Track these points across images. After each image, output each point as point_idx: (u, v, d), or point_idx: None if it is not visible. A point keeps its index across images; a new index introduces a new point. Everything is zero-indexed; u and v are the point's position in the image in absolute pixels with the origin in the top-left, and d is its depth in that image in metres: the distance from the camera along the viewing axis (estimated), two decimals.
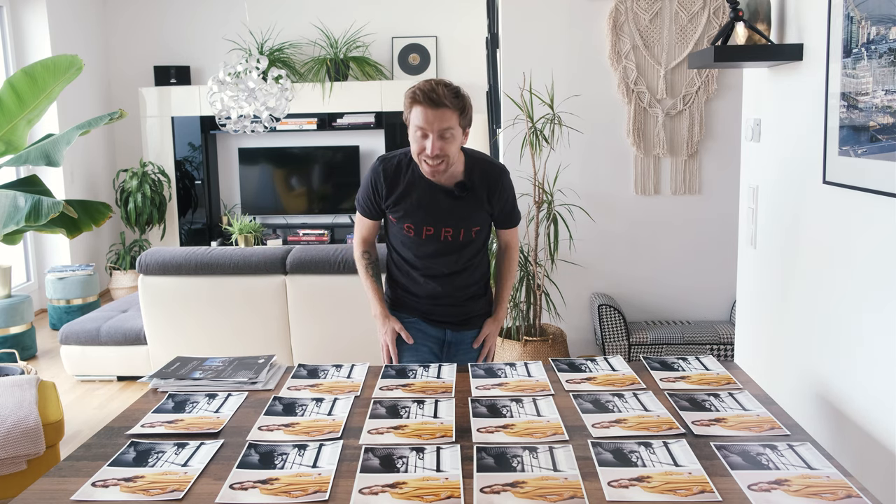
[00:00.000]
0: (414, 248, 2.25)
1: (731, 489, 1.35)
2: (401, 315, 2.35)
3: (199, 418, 1.72)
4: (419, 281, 2.29)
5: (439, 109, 2.01)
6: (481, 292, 2.36)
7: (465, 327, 2.34)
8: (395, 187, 2.20)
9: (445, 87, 2.04)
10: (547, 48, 4.17)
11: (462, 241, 2.22)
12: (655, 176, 4.23)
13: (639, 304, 4.35)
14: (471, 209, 2.20)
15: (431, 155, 2.05)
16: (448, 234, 2.20)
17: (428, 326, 2.33)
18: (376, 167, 2.23)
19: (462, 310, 2.32)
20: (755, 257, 2.44)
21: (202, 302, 3.94)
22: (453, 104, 2.03)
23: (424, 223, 2.19)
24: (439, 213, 2.18)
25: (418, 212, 2.19)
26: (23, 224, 3.15)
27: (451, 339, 2.35)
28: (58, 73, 3.52)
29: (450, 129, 2.04)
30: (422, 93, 2.02)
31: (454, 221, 2.19)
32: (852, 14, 1.74)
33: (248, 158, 6.87)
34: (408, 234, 2.23)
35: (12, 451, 2.73)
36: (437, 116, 2.02)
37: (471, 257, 2.28)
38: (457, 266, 2.26)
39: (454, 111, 2.04)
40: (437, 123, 2.02)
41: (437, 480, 1.39)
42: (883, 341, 1.67)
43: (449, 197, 2.18)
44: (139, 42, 6.93)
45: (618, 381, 1.91)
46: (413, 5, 6.73)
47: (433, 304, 2.31)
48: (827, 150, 1.88)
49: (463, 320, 2.34)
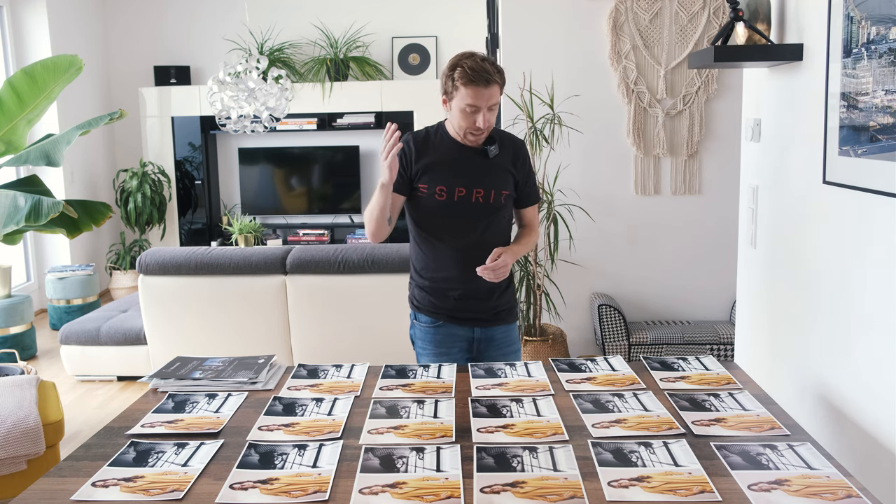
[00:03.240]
0: (447, 219, 2.23)
1: (731, 489, 1.35)
2: (427, 318, 2.32)
3: (199, 418, 1.72)
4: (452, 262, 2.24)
5: (490, 87, 2.08)
6: (506, 284, 2.33)
7: (493, 323, 2.32)
8: (425, 151, 2.23)
9: (489, 63, 2.09)
10: (547, 48, 4.17)
11: (493, 204, 2.22)
12: (655, 176, 4.23)
13: (639, 304, 4.35)
14: (499, 170, 2.24)
15: (484, 128, 2.14)
16: (479, 195, 2.21)
17: (456, 328, 2.30)
18: (406, 138, 2.26)
19: (489, 304, 2.29)
20: (755, 257, 2.44)
21: (202, 302, 3.94)
22: (500, 79, 2.10)
23: (457, 184, 2.20)
24: (470, 173, 2.21)
25: (449, 172, 2.21)
26: (23, 224, 3.15)
27: (481, 337, 2.32)
28: (58, 73, 3.52)
29: (496, 103, 2.13)
30: (473, 73, 2.06)
31: (486, 181, 2.21)
32: (852, 14, 1.74)
33: (248, 158, 6.87)
34: (439, 199, 2.21)
35: (12, 451, 2.73)
36: (489, 93, 2.09)
37: (499, 233, 2.27)
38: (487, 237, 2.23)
39: (500, 84, 2.11)
40: (489, 99, 2.10)
41: (437, 480, 1.39)
42: (883, 341, 1.67)
43: (479, 156, 2.22)
44: (139, 42, 6.93)
45: (618, 381, 1.91)
46: (413, 5, 6.73)
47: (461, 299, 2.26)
48: (827, 150, 1.88)
49: (491, 316, 2.31)
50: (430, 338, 2.33)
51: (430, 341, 2.32)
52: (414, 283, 2.39)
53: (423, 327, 2.35)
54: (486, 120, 2.12)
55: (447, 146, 2.23)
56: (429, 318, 2.33)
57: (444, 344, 2.31)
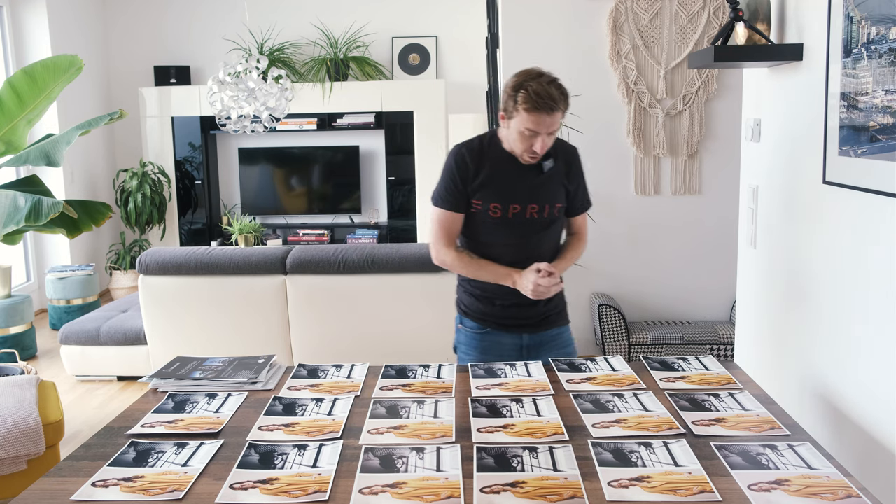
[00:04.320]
0: (500, 234, 2.19)
1: (731, 489, 1.35)
2: (473, 324, 2.28)
3: (199, 418, 1.71)
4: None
5: (553, 114, 2.02)
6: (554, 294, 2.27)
7: (541, 328, 2.27)
8: (482, 166, 2.17)
9: (556, 87, 2.01)
10: (547, 48, 4.16)
11: (547, 218, 2.20)
12: (655, 176, 4.23)
13: (639, 304, 4.35)
14: (553, 184, 2.20)
15: (541, 153, 2.09)
16: (534, 211, 2.17)
17: (503, 335, 2.25)
18: (458, 151, 2.20)
19: (537, 310, 2.25)
20: (755, 257, 2.44)
21: (202, 302, 3.94)
22: (564, 105, 2.04)
23: (511, 201, 2.16)
24: (525, 190, 2.17)
25: (503, 189, 2.16)
26: (23, 224, 3.15)
27: (529, 343, 2.27)
28: (58, 73, 3.52)
29: (557, 128, 2.07)
30: (538, 99, 1.99)
31: (540, 197, 2.18)
32: (852, 14, 1.74)
33: (248, 158, 6.87)
34: (493, 216, 2.17)
35: (12, 451, 2.73)
36: (552, 120, 2.03)
37: (552, 244, 2.25)
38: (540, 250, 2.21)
39: (564, 110, 2.05)
40: (549, 126, 2.04)
41: (437, 480, 1.39)
42: (883, 341, 1.67)
43: (533, 172, 2.17)
44: (139, 42, 6.93)
45: (618, 381, 1.91)
46: (413, 5, 6.73)
47: (510, 306, 2.22)
48: (827, 150, 1.88)
49: (540, 321, 2.27)
50: (475, 344, 2.27)
51: (476, 347, 2.27)
52: (462, 288, 2.32)
53: (469, 332, 2.29)
54: (544, 145, 2.06)
55: (501, 160, 2.16)
56: (475, 325, 2.27)
57: (489, 351, 2.25)
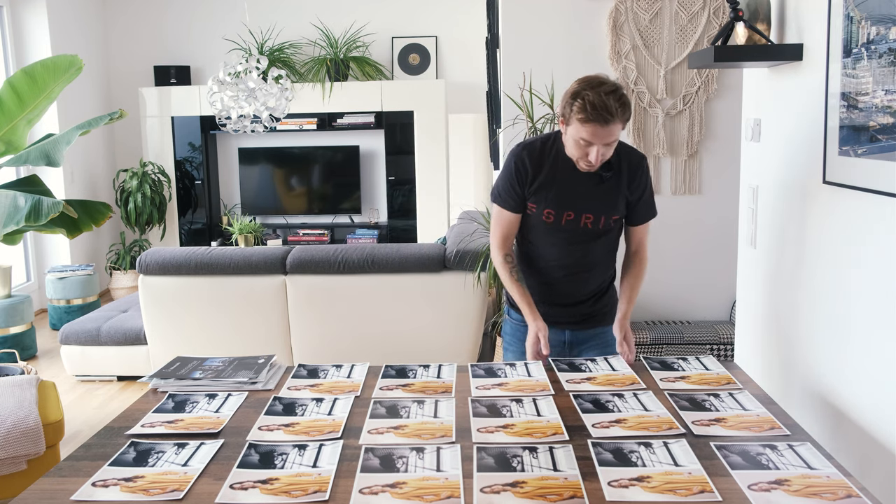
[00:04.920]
0: (551, 237, 2.18)
1: (731, 489, 1.35)
2: (518, 317, 2.29)
3: (199, 418, 1.71)
4: (549, 273, 2.21)
5: (609, 126, 1.93)
6: (604, 290, 2.29)
7: (585, 326, 2.27)
8: (540, 170, 2.13)
9: (616, 98, 1.92)
10: (547, 48, 4.16)
11: (601, 229, 2.16)
12: (655, 176, 4.23)
13: (639, 304, 4.35)
14: (612, 195, 2.14)
15: (596, 164, 2.01)
16: (588, 221, 2.14)
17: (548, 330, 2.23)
18: (519, 152, 2.16)
19: (582, 308, 2.26)
20: (755, 257, 2.44)
21: (202, 302, 3.94)
22: (622, 116, 1.93)
23: (566, 208, 2.13)
24: (581, 198, 2.13)
25: (559, 195, 2.12)
26: (23, 224, 3.15)
27: (572, 340, 2.28)
28: (58, 73, 3.52)
29: (615, 139, 1.98)
30: (593, 110, 1.90)
31: (595, 207, 2.13)
32: (852, 14, 1.74)
33: (248, 158, 6.87)
34: (546, 221, 2.15)
35: (12, 451, 2.73)
36: (607, 132, 1.94)
37: (605, 251, 2.22)
38: (591, 258, 2.19)
39: (623, 121, 1.95)
40: (605, 137, 1.96)
41: (437, 480, 1.39)
42: (883, 341, 1.67)
43: (592, 181, 2.11)
44: (139, 42, 6.93)
45: (618, 381, 1.90)
46: (413, 5, 6.73)
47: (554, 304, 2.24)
48: (827, 150, 1.88)
49: (583, 318, 2.27)
50: (518, 335, 2.29)
51: (519, 338, 2.29)
52: None
53: (514, 324, 2.32)
54: (599, 156, 1.98)
55: (560, 165, 2.12)
56: (520, 317, 2.28)
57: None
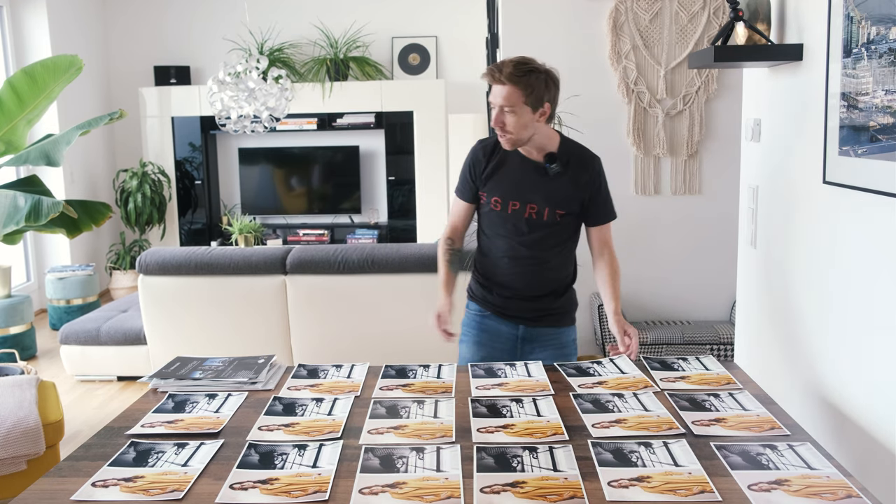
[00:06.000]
0: (501, 228, 2.25)
1: (731, 489, 1.35)
2: (476, 307, 2.36)
3: (199, 418, 1.71)
4: (503, 266, 2.27)
5: (500, 86, 2.07)
6: (561, 291, 2.33)
7: (539, 323, 2.31)
8: (492, 161, 2.24)
9: (515, 64, 2.06)
10: (547, 48, 4.16)
11: (546, 221, 2.21)
12: (655, 176, 4.23)
13: (639, 304, 4.35)
14: (558, 188, 2.20)
15: (498, 128, 2.12)
16: (533, 211, 2.20)
17: (502, 322, 2.31)
18: (475, 146, 2.30)
19: (538, 305, 2.29)
20: (755, 257, 2.44)
21: (202, 302, 3.94)
22: (515, 81, 2.05)
23: (511, 196, 2.21)
24: (527, 189, 2.20)
25: (507, 184, 2.21)
26: (23, 224, 3.15)
27: (525, 335, 2.31)
28: (58, 73, 3.52)
29: (511, 106, 2.08)
30: (489, 67, 2.10)
31: (540, 198, 2.19)
32: (852, 14, 1.74)
33: (248, 158, 6.87)
34: (494, 210, 2.24)
35: (12, 451, 2.73)
36: (498, 92, 2.08)
37: (554, 246, 2.25)
38: (538, 251, 2.23)
39: (516, 88, 2.06)
40: (499, 99, 2.08)
41: (437, 480, 1.39)
42: (883, 341, 1.67)
43: (538, 172, 2.20)
44: (139, 42, 6.93)
45: (630, 385, 1.89)
46: (413, 5, 6.73)
47: (509, 298, 2.29)
48: (827, 150, 1.88)
49: (538, 316, 2.30)
50: (474, 325, 2.35)
51: (474, 328, 2.35)
52: (472, 273, 2.41)
53: (471, 314, 2.38)
54: (497, 119, 2.10)
55: (511, 157, 2.22)
56: (477, 308, 2.36)
57: (486, 333, 2.32)
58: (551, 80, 2.12)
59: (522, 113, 2.09)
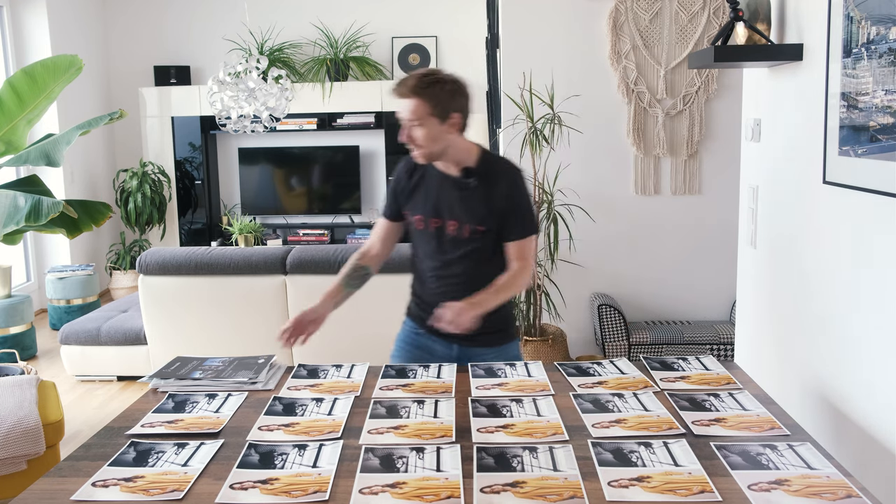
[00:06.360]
0: (426, 246, 2.23)
1: (731, 489, 1.35)
2: (412, 325, 2.33)
3: (199, 418, 1.72)
4: (430, 285, 2.26)
5: (405, 100, 2.03)
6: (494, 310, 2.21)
7: (474, 343, 2.23)
8: (412, 177, 2.23)
9: (419, 77, 2.03)
10: (547, 48, 4.16)
11: (466, 238, 2.16)
12: (655, 176, 4.23)
13: (639, 304, 4.35)
14: (477, 203, 2.14)
15: (407, 142, 2.09)
16: (453, 228, 2.17)
17: (436, 341, 2.26)
18: (400, 164, 2.29)
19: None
20: (755, 257, 2.44)
21: (202, 302, 3.94)
22: (419, 93, 2.01)
23: (431, 214, 2.19)
24: (447, 205, 2.17)
25: (427, 202, 2.19)
26: (23, 224, 3.15)
27: (461, 355, 2.26)
28: (58, 73, 3.52)
29: (418, 118, 2.04)
30: (395, 84, 2.06)
31: (459, 214, 2.16)
32: (852, 14, 1.74)
33: (248, 158, 6.87)
34: (418, 228, 2.23)
35: (12, 451, 2.73)
36: (404, 106, 2.04)
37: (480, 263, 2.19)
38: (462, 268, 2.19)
39: (420, 101, 2.01)
40: (405, 112, 2.05)
41: (437, 480, 1.39)
42: (883, 341, 1.67)
43: (456, 188, 2.16)
44: (139, 42, 6.93)
45: (630, 385, 1.89)
46: (413, 5, 6.73)
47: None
48: (827, 150, 1.88)
49: (472, 335, 2.18)
50: (409, 340, 2.33)
51: (408, 343, 2.32)
52: (410, 291, 2.41)
53: (406, 330, 2.36)
54: (406, 134, 2.06)
55: (432, 174, 2.20)
56: (413, 325, 2.33)
57: (420, 349, 2.29)
58: (458, 89, 2.06)
59: (430, 125, 2.04)
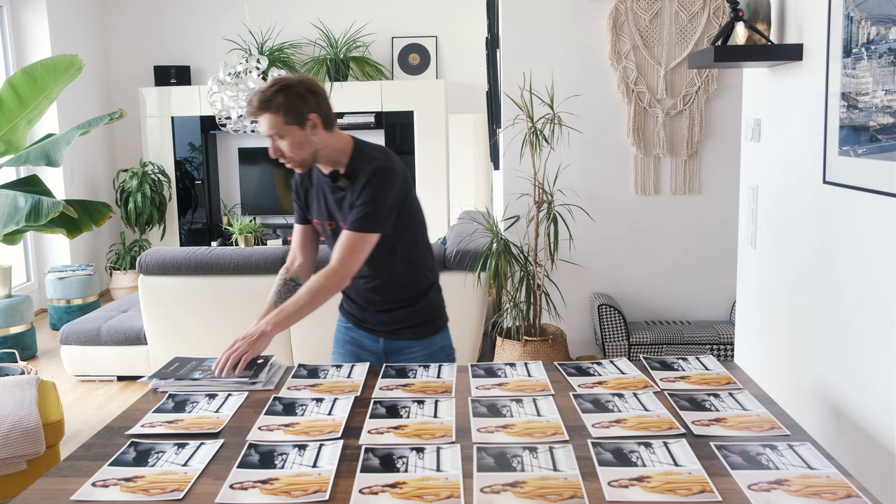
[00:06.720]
0: (330, 245, 2.25)
1: (731, 489, 1.35)
2: (342, 320, 2.38)
3: (199, 418, 1.71)
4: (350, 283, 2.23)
5: (258, 117, 2.02)
6: (414, 302, 2.26)
7: (399, 336, 2.27)
8: (303, 183, 2.26)
9: (263, 91, 2.00)
10: (547, 48, 4.17)
11: None
12: (655, 176, 4.23)
13: (639, 304, 4.35)
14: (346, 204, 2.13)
15: (278, 157, 2.08)
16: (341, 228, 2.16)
17: (364, 336, 2.31)
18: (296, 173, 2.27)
19: (393, 317, 2.26)
20: (755, 257, 2.44)
21: (202, 302, 3.94)
22: (266, 108, 1.99)
23: (323, 217, 2.21)
24: (331, 208, 2.18)
25: (320, 206, 2.21)
26: (23, 224, 3.16)
27: (387, 349, 2.29)
28: (58, 73, 3.52)
29: (276, 132, 2.02)
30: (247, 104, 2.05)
31: (340, 215, 2.15)
32: (852, 14, 1.74)
33: (248, 158, 6.87)
34: (318, 231, 2.28)
35: (12, 451, 2.73)
36: (262, 123, 2.02)
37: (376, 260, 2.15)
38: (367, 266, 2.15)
39: (272, 114, 1.99)
40: (264, 129, 2.03)
41: (437, 480, 1.39)
42: (883, 341, 1.67)
43: (331, 190, 2.17)
44: (139, 42, 6.93)
45: (630, 385, 1.89)
46: (413, 5, 6.73)
47: (363, 310, 2.29)
48: (827, 150, 1.88)
49: (394, 329, 2.27)
50: (339, 337, 2.37)
51: (343, 338, 2.36)
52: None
53: (339, 326, 2.40)
54: (273, 149, 2.04)
55: (315, 179, 2.21)
56: (343, 320, 2.38)
57: (353, 343, 2.33)
58: (306, 89, 2.02)
59: (291, 133, 2.01)
